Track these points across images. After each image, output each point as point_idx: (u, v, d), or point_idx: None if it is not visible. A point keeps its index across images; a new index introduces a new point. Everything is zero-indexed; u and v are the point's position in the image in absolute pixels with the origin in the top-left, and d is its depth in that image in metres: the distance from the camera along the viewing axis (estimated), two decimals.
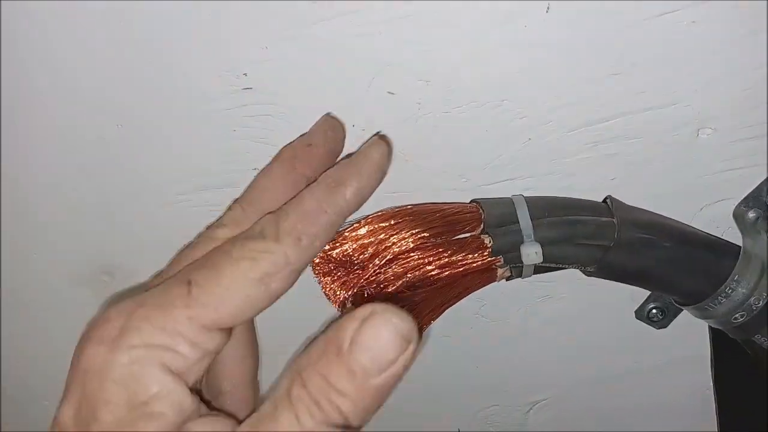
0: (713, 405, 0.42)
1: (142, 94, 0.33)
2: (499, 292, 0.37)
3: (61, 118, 0.34)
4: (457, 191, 0.35)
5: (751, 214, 0.34)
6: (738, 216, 0.35)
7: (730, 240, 0.34)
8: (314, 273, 0.30)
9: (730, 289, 0.31)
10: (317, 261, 0.30)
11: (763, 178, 0.34)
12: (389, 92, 0.32)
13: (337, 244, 0.30)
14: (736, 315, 0.32)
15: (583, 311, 0.40)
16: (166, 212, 0.36)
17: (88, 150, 0.35)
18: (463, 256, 0.31)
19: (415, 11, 0.29)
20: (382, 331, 0.19)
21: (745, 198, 0.34)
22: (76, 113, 0.34)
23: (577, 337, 0.41)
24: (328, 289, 0.30)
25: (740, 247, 0.33)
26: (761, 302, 0.32)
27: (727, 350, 0.39)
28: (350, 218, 0.33)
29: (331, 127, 0.31)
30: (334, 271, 0.30)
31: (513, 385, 0.44)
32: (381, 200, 0.35)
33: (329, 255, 0.30)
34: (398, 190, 0.35)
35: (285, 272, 0.23)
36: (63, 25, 0.31)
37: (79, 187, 0.37)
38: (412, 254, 0.31)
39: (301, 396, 0.19)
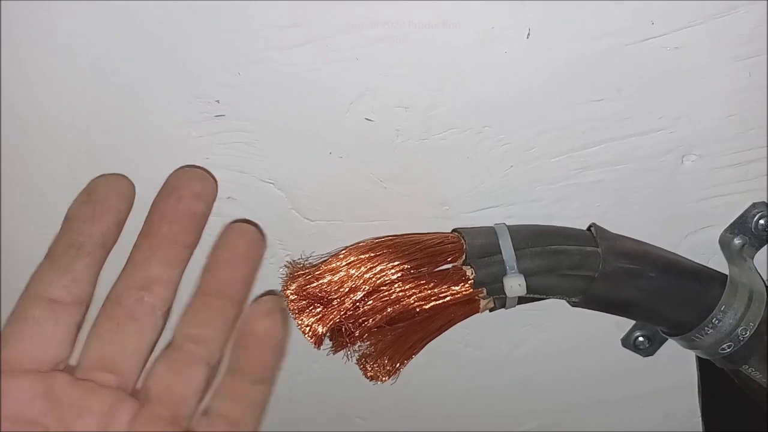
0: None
1: (109, 122, 0.32)
2: (483, 321, 0.36)
3: (26, 146, 0.33)
4: (439, 219, 0.34)
5: (737, 241, 0.34)
6: (724, 243, 0.34)
7: (716, 267, 0.34)
8: (290, 310, 0.29)
9: (717, 319, 0.31)
10: (292, 298, 0.29)
11: (749, 204, 0.34)
12: (367, 119, 0.31)
13: (313, 279, 0.29)
14: (724, 345, 0.31)
15: (569, 340, 0.39)
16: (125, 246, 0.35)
17: (52, 176, 0.34)
18: (445, 288, 0.30)
19: (392, 37, 0.29)
20: None
21: (730, 225, 0.34)
22: (44, 142, 0.33)
23: (564, 365, 0.40)
24: (304, 326, 0.29)
25: (726, 275, 0.32)
26: (748, 332, 0.31)
27: (714, 379, 0.39)
28: (327, 250, 0.32)
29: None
30: (310, 308, 0.29)
31: (500, 414, 0.43)
32: (359, 230, 0.34)
33: (305, 290, 0.29)
34: (378, 218, 0.34)
35: None
36: (32, 52, 0.29)
37: (44, 219, 0.35)
38: (392, 287, 0.30)
39: None
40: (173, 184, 0.29)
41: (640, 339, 0.37)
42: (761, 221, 0.33)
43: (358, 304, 0.30)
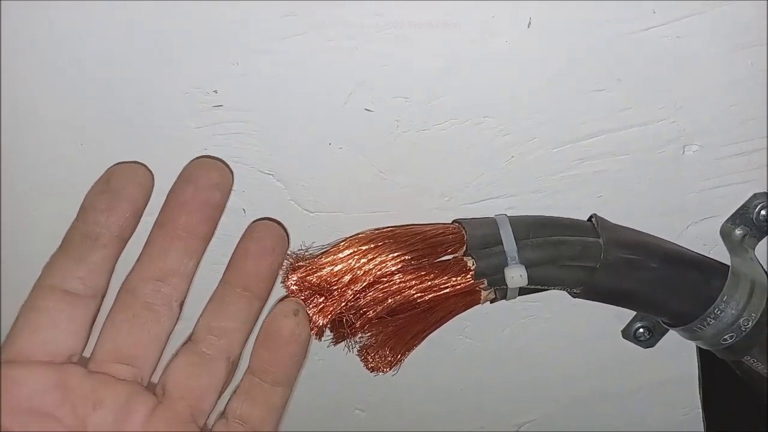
0: (702, 425, 0.41)
1: (107, 113, 0.31)
2: (483, 312, 0.36)
3: (23, 137, 0.33)
4: (439, 210, 0.34)
5: (738, 232, 0.34)
6: (725, 234, 0.34)
7: (717, 258, 0.34)
8: None
9: (719, 310, 0.31)
10: (293, 289, 0.29)
11: (750, 195, 0.33)
12: (367, 109, 0.31)
13: (314, 270, 0.29)
14: (725, 336, 0.31)
15: (569, 331, 0.39)
16: (136, 233, 0.35)
17: (50, 169, 0.34)
18: (446, 279, 0.30)
19: (391, 26, 0.28)
20: None
21: (732, 215, 0.34)
22: (38, 133, 0.32)
23: (564, 357, 0.40)
24: None
25: (728, 266, 0.32)
26: (751, 323, 0.31)
27: (715, 370, 0.39)
28: (328, 242, 0.32)
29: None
30: (311, 299, 0.29)
31: (499, 406, 0.42)
32: (359, 221, 0.34)
33: (306, 281, 0.29)
34: (378, 209, 0.34)
35: None
36: (27, 44, 0.29)
37: (40, 209, 0.35)
38: (392, 278, 0.30)
39: None
40: (191, 173, 0.28)
41: (641, 330, 0.37)
42: (762, 212, 0.33)
43: (358, 295, 0.29)
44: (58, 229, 0.28)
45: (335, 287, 0.29)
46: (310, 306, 0.29)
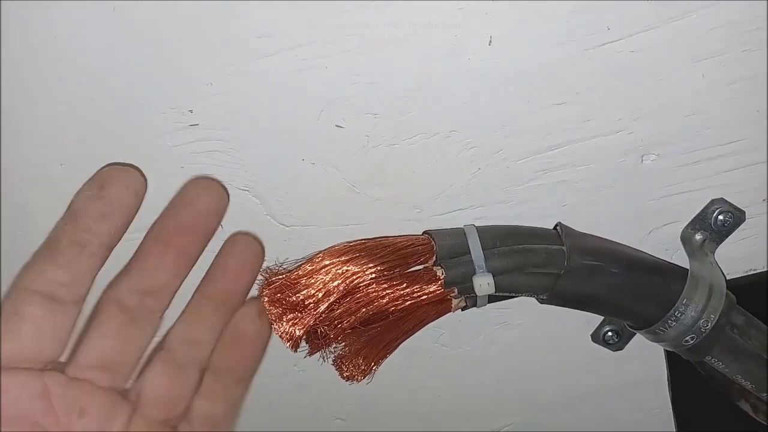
0: (673, 425, 0.42)
1: (84, 133, 0.32)
2: (456, 320, 0.37)
3: (2, 157, 0.33)
4: (411, 222, 0.35)
5: (698, 237, 0.35)
6: (685, 239, 0.35)
7: (679, 262, 0.35)
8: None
9: (679, 312, 0.32)
10: (267, 305, 0.29)
11: (708, 201, 0.35)
12: (338, 125, 0.32)
13: (288, 284, 0.30)
14: (687, 338, 0.32)
15: (541, 337, 0.40)
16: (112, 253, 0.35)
17: (28, 191, 0.34)
18: (417, 288, 0.31)
19: (360, 46, 0.29)
20: None
21: (691, 221, 0.35)
22: (19, 153, 0.33)
23: (537, 362, 0.41)
24: (280, 332, 0.29)
25: (688, 270, 0.33)
26: (710, 324, 0.32)
27: (682, 371, 0.40)
28: (303, 255, 0.32)
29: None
30: (286, 313, 0.30)
31: (475, 412, 0.43)
32: (333, 234, 0.35)
33: (280, 295, 0.29)
34: (351, 222, 0.35)
35: None
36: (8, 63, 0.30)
37: (17, 230, 0.36)
38: (365, 289, 0.31)
39: None
40: (192, 196, 0.29)
41: (609, 334, 0.38)
42: (720, 217, 0.35)
43: (332, 306, 0.30)
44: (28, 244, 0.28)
45: (309, 300, 0.30)
46: (285, 318, 0.30)
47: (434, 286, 0.31)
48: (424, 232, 0.33)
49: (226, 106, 0.31)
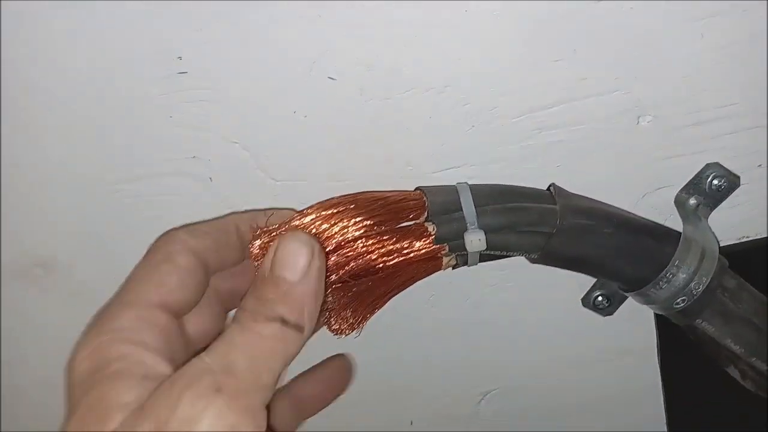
0: (661, 393, 0.42)
1: (72, 80, 0.31)
2: (447, 281, 0.37)
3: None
4: (404, 179, 0.35)
5: (692, 201, 0.35)
6: (679, 203, 0.35)
7: (673, 227, 0.35)
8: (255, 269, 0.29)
9: (671, 274, 0.32)
10: (257, 254, 0.29)
11: (703, 165, 0.35)
12: (330, 77, 0.31)
13: (277, 236, 0.29)
14: (678, 300, 0.32)
15: (532, 300, 0.40)
16: (100, 202, 0.35)
17: (18, 139, 0.34)
18: (408, 243, 0.31)
19: None
20: (288, 246, 0.24)
21: (686, 185, 0.35)
22: (4, 99, 0.32)
23: (527, 326, 0.41)
24: None
25: (681, 233, 0.33)
26: (701, 287, 0.32)
27: (672, 336, 0.40)
28: (291, 207, 0.32)
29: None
30: None
31: (464, 375, 0.43)
32: (325, 189, 0.34)
33: (269, 248, 0.29)
34: (343, 178, 0.35)
35: None
36: None
37: (8, 177, 0.35)
38: (355, 243, 0.30)
39: (243, 315, 0.23)
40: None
41: (600, 299, 0.38)
42: (714, 182, 0.34)
43: None
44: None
45: None
46: None
47: (425, 242, 0.31)
48: (417, 188, 0.33)
49: (215, 53, 0.31)
